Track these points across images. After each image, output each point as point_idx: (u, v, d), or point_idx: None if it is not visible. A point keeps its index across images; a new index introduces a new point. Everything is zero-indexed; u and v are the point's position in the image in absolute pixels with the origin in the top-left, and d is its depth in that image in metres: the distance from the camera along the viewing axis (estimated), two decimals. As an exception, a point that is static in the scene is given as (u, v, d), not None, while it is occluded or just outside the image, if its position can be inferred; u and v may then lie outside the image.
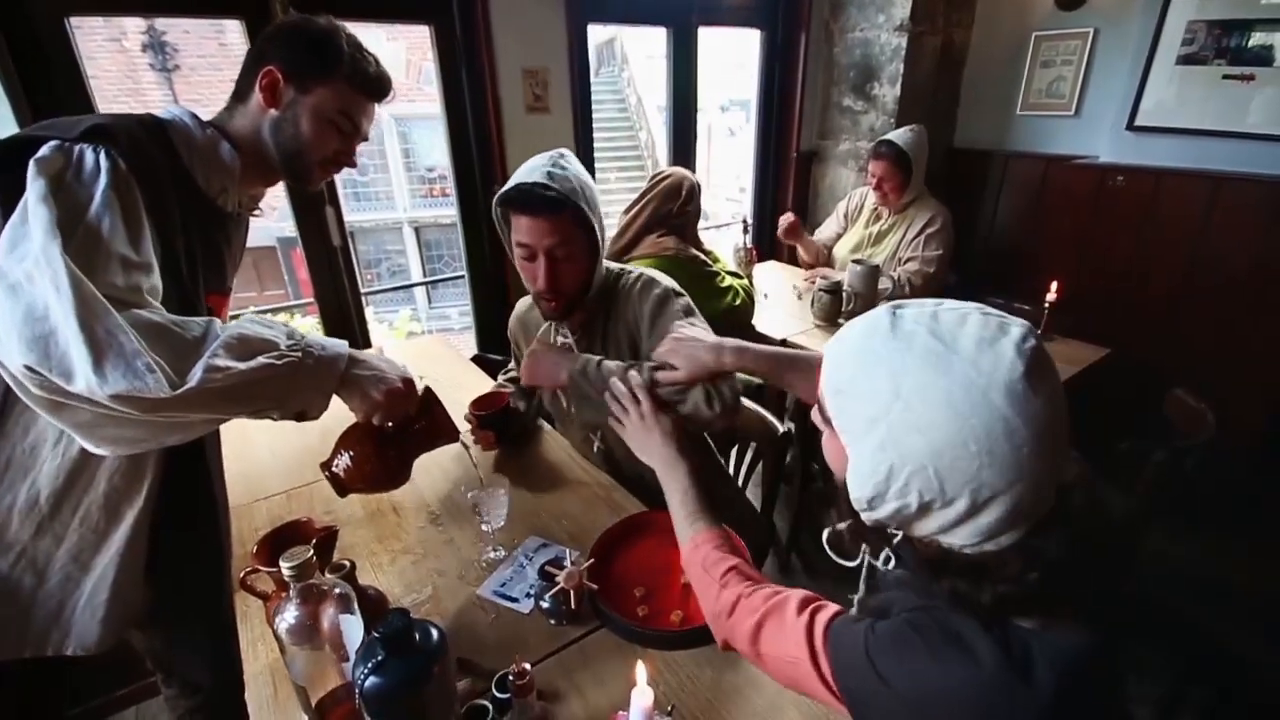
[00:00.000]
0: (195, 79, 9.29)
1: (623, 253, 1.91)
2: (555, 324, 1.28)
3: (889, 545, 0.60)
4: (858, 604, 0.69)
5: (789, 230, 2.54)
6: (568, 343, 1.27)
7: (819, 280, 2.24)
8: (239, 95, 0.97)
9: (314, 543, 0.87)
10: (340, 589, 0.74)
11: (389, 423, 0.94)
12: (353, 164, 1.04)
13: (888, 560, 0.61)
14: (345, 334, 2.13)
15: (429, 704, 0.69)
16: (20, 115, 1.48)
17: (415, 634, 0.67)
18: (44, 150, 0.73)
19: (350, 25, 0.98)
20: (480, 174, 2.21)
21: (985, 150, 2.96)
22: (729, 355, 1.03)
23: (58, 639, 0.93)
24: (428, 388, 1.01)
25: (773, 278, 2.73)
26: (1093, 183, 2.61)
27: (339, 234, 2.03)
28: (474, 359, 2.05)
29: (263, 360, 0.76)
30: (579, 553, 1.02)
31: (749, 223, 2.53)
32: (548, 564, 1.01)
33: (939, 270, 2.37)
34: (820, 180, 3.14)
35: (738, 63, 6.93)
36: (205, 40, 9.08)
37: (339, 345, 0.87)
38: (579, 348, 1.25)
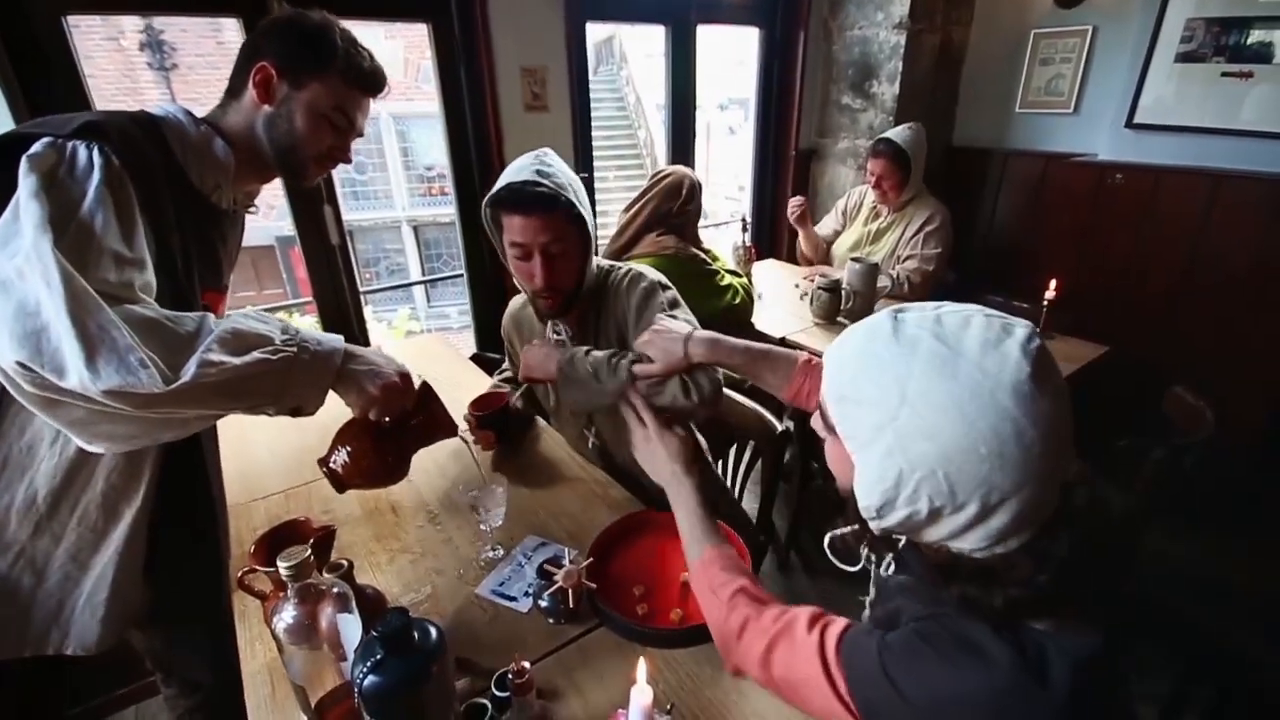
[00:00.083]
0: (193, 78, 9.27)
1: (622, 251, 1.90)
2: (552, 321, 1.29)
3: (893, 551, 0.60)
4: (869, 608, 0.68)
5: (799, 215, 2.59)
6: (563, 339, 1.28)
7: (817, 278, 2.24)
8: (233, 91, 0.96)
9: (312, 542, 0.86)
10: (338, 588, 0.74)
11: (386, 418, 0.93)
12: (348, 160, 1.03)
13: (890, 566, 0.61)
14: (344, 333, 2.09)
15: (428, 703, 0.68)
16: (17, 114, 1.48)
17: (414, 633, 0.67)
18: (36, 147, 0.73)
19: (348, 23, 0.97)
20: (479, 173, 2.20)
21: (984, 148, 2.95)
22: (696, 346, 1.01)
23: (57, 638, 0.93)
24: (425, 382, 1.00)
25: (771, 276, 2.73)
26: (1092, 180, 2.60)
27: (337, 233, 2.02)
28: (473, 358, 2.05)
29: (257, 355, 0.75)
30: (577, 551, 1.02)
31: (748, 221, 2.53)
32: (546, 563, 1.01)
33: (938, 268, 2.37)
34: (819, 178, 3.14)
35: (737, 60, 6.90)
36: (203, 39, 9.06)
37: (335, 340, 0.86)
38: (574, 344, 1.25)
